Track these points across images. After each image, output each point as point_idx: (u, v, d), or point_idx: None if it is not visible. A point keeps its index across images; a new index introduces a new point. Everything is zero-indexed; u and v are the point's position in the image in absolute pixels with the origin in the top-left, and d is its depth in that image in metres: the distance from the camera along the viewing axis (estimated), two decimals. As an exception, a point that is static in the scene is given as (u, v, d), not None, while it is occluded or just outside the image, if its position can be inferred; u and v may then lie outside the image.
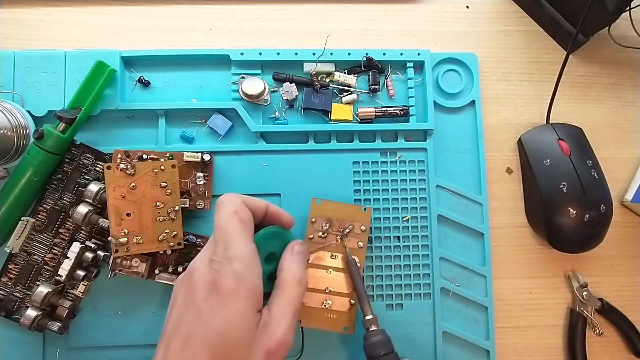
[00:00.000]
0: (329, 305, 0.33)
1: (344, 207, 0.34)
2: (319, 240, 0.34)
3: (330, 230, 0.34)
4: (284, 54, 0.39)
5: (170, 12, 0.41)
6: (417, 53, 0.39)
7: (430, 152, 0.39)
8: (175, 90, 0.39)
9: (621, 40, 0.42)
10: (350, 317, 0.33)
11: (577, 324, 0.38)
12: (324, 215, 0.34)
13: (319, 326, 0.33)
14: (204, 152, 0.36)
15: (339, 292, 0.34)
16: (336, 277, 0.34)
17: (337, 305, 0.33)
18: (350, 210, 0.34)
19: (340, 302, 0.33)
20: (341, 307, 0.33)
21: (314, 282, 0.34)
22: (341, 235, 0.34)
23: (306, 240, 0.34)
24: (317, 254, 0.34)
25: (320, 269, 0.34)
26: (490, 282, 0.38)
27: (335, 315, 0.33)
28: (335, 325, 0.33)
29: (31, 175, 0.34)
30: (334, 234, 0.34)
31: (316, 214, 0.34)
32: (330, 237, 0.34)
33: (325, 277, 0.34)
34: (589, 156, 0.39)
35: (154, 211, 0.33)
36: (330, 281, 0.34)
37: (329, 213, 0.34)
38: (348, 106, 0.39)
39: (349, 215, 0.34)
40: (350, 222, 0.34)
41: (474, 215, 0.39)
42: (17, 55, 0.37)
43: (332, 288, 0.34)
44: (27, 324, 0.33)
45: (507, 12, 0.43)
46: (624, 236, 0.41)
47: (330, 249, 0.35)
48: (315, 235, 0.34)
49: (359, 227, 0.34)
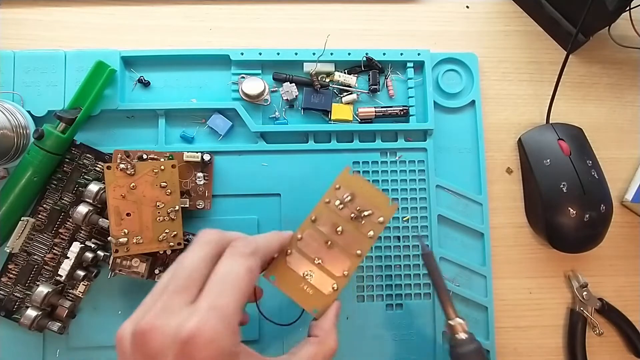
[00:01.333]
0: (310, 276, 0.30)
1: (372, 190, 0.31)
2: (334, 209, 0.31)
3: (349, 205, 0.31)
4: (284, 54, 0.39)
5: (170, 12, 0.41)
6: (417, 53, 0.39)
7: (430, 152, 0.39)
8: (175, 90, 0.39)
9: (621, 40, 0.42)
10: (325, 301, 0.29)
11: (577, 324, 0.38)
12: (350, 187, 0.31)
13: (290, 294, 0.29)
14: (204, 152, 0.36)
15: (327, 269, 0.30)
16: (334, 253, 0.30)
17: (319, 282, 0.30)
18: (376, 196, 0.31)
19: (323, 281, 0.30)
20: (321, 286, 0.30)
21: (308, 246, 0.30)
22: (357, 215, 0.30)
23: (322, 202, 0.31)
24: (329, 218, 0.31)
25: (322, 236, 0.30)
26: (490, 282, 0.38)
27: (312, 292, 0.29)
28: (306, 301, 0.29)
29: (31, 175, 0.34)
30: (350, 210, 0.31)
31: (344, 182, 0.31)
32: (346, 211, 0.31)
33: (322, 248, 0.30)
34: (589, 156, 0.39)
35: (154, 211, 0.33)
36: (325, 254, 0.30)
37: (356, 188, 0.31)
38: (348, 106, 0.39)
39: (373, 200, 0.31)
40: (372, 207, 0.31)
41: (474, 215, 0.39)
42: (17, 55, 0.37)
43: (323, 262, 0.30)
44: (27, 324, 0.33)
45: (507, 12, 0.43)
46: (624, 236, 0.41)
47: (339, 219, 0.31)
48: (333, 201, 0.31)
49: (378, 217, 0.31)
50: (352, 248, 0.30)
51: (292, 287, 0.30)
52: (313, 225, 0.31)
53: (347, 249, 0.30)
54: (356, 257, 0.30)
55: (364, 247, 0.30)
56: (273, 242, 0.28)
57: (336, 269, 0.30)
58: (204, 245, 0.25)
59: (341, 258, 0.30)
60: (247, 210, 0.37)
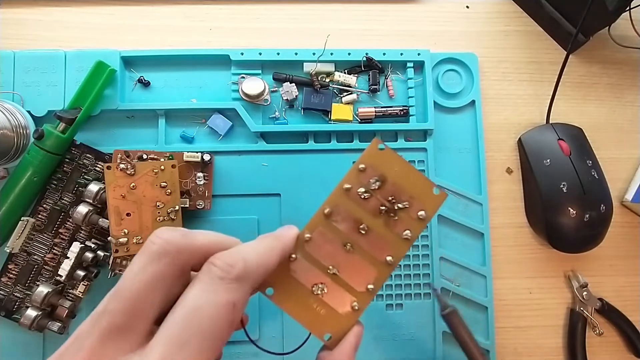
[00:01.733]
0: (321, 291, 0.22)
1: (411, 172, 0.23)
2: (356, 199, 0.23)
3: (378, 194, 0.23)
4: (284, 54, 0.39)
5: (170, 12, 0.41)
6: (417, 53, 0.39)
7: (430, 152, 0.39)
8: (175, 90, 0.39)
9: (621, 40, 0.42)
10: (341, 325, 0.22)
11: (577, 324, 0.38)
12: (379, 169, 0.23)
13: (294, 314, 0.22)
14: (204, 152, 0.36)
15: (346, 281, 0.23)
16: (355, 260, 0.23)
17: (333, 299, 0.22)
18: (417, 182, 0.23)
19: (339, 297, 0.22)
20: (337, 305, 0.22)
21: (320, 249, 0.23)
22: (388, 208, 0.23)
23: (339, 189, 0.23)
24: (349, 212, 0.23)
25: (339, 236, 0.23)
26: (490, 282, 0.38)
27: (324, 311, 0.22)
28: (316, 324, 0.22)
29: (31, 175, 0.34)
30: (379, 200, 0.23)
31: (370, 161, 0.23)
32: (374, 202, 0.23)
33: (339, 253, 0.23)
34: (589, 156, 0.39)
35: (154, 211, 0.33)
36: (343, 261, 0.23)
37: (387, 169, 0.23)
38: (348, 106, 0.39)
39: (412, 187, 0.23)
40: (410, 197, 0.23)
41: (474, 215, 0.39)
42: (17, 55, 0.37)
43: (340, 271, 0.23)
44: (27, 324, 0.33)
45: (507, 12, 0.43)
46: (624, 236, 0.41)
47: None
48: (356, 188, 0.23)
49: (418, 210, 0.23)
50: (380, 253, 0.23)
51: (296, 305, 0.22)
52: (327, 222, 0.23)
53: (374, 254, 0.23)
54: (386, 265, 0.23)
55: (397, 252, 0.23)
56: (269, 257, 0.20)
57: (358, 282, 0.23)
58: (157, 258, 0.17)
59: (365, 267, 0.23)
60: (247, 210, 0.37)
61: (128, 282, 0.17)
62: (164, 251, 0.17)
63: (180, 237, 0.17)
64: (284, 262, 0.22)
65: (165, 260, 0.17)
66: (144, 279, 0.16)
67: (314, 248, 0.23)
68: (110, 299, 0.16)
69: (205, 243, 0.18)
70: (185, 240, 0.18)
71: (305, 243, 0.23)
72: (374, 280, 0.23)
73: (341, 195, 0.23)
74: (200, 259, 0.18)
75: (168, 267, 0.17)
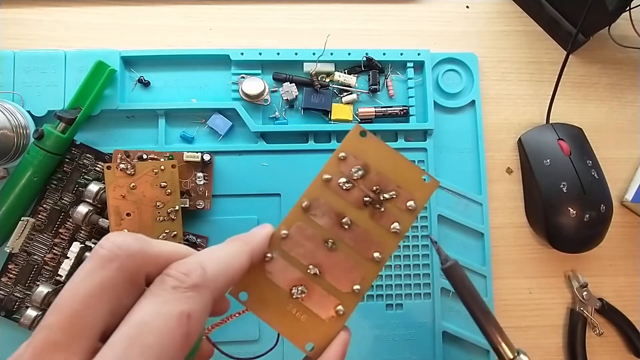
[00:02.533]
0: (301, 295, 0.20)
1: (398, 160, 0.21)
2: (337, 190, 0.21)
3: (360, 184, 0.21)
4: (284, 54, 0.39)
5: (170, 12, 0.41)
6: (417, 53, 0.39)
7: (430, 152, 0.39)
8: (175, 90, 0.39)
9: (621, 40, 0.41)
10: (324, 332, 0.20)
11: (577, 324, 0.38)
12: (362, 157, 0.21)
13: (272, 321, 0.20)
14: (204, 152, 0.36)
15: (329, 282, 0.20)
16: (338, 258, 0.20)
17: (315, 303, 0.20)
18: (404, 170, 0.21)
19: (321, 300, 0.20)
20: (320, 309, 0.20)
21: (298, 247, 0.21)
22: (374, 199, 0.21)
23: (319, 180, 0.21)
24: (329, 204, 0.21)
25: (320, 232, 0.21)
26: (490, 282, 0.38)
27: (305, 317, 0.20)
28: (296, 331, 0.20)
29: (31, 175, 0.34)
30: (363, 190, 0.21)
31: (351, 149, 0.21)
32: (357, 193, 0.21)
33: (320, 250, 0.20)
34: (589, 156, 0.39)
35: (154, 211, 0.33)
36: (325, 259, 0.20)
37: (371, 157, 0.21)
38: (348, 106, 0.39)
39: (399, 175, 0.21)
40: (397, 186, 0.21)
41: (474, 215, 0.39)
42: (17, 55, 0.37)
43: (322, 271, 0.20)
44: (27, 324, 0.33)
45: (507, 12, 0.43)
46: (624, 236, 0.41)
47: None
48: (336, 179, 0.21)
49: (407, 200, 0.21)
50: (366, 249, 0.21)
51: (273, 310, 0.20)
52: (305, 216, 0.21)
53: (359, 250, 0.21)
54: (373, 263, 0.21)
55: (385, 247, 0.21)
56: (234, 262, 0.18)
57: (342, 283, 0.20)
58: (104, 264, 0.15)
59: (350, 265, 0.20)
60: (247, 210, 0.37)
61: (69, 291, 0.14)
62: (113, 255, 0.15)
63: (133, 241, 0.15)
64: (258, 263, 0.20)
65: (113, 266, 0.15)
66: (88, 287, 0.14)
67: (291, 246, 0.20)
68: (49, 312, 0.14)
69: (161, 251, 0.16)
70: (137, 244, 0.15)
71: (282, 241, 0.20)
72: (360, 280, 0.20)
73: (320, 186, 0.21)
74: (157, 269, 0.16)
75: (116, 273, 0.15)
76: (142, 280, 0.16)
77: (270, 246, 0.20)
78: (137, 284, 0.16)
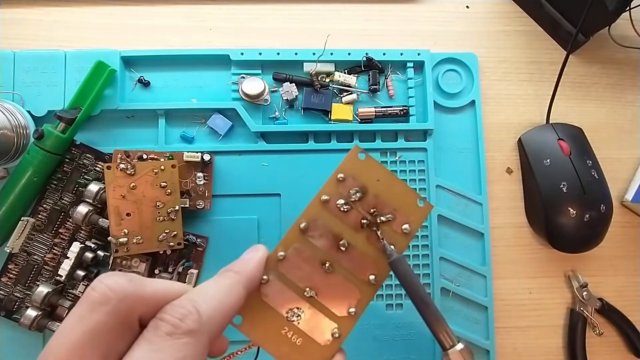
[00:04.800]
0: (297, 317, 0.20)
1: (395, 182, 0.22)
2: (335, 212, 0.21)
3: (358, 206, 0.21)
4: (284, 54, 0.39)
5: (170, 12, 0.41)
6: (417, 53, 0.39)
7: (430, 152, 0.39)
8: (175, 90, 0.39)
9: (621, 40, 0.42)
10: (321, 356, 0.20)
11: (577, 324, 0.38)
12: (360, 179, 0.22)
13: (266, 345, 0.20)
14: (204, 152, 0.36)
15: (325, 305, 0.20)
16: (335, 280, 0.21)
17: (311, 327, 0.20)
18: (400, 193, 0.22)
19: (318, 323, 0.20)
20: (315, 333, 0.20)
21: (295, 269, 0.21)
22: (370, 222, 0.21)
23: (317, 202, 0.22)
24: (327, 226, 0.21)
25: (316, 254, 0.21)
26: (490, 282, 0.38)
27: (301, 341, 0.20)
28: (292, 356, 0.20)
29: (31, 175, 0.34)
30: (360, 213, 0.21)
31: (350, 171, 0.22)
32: (354, 215, 0.21)
33: (317, 273, 0.21)
34: (589, 156, 0.39)
35: (154, 211, 0.33)
36: (321, 282, 0.21)
37: (368, 180, 0.22)
38: (348, 106, 0.39)
39: (395, 198, 0.22)
40: (393, 209, 0.22)
41: (474, 215, 0.39)
42: (17, 55, 0.37)
43: (318, 294, 0.21)
44: (27, 324, 0.33)
45: (507, 12, 0.43)
46: (624, 236, 0.41)
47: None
48: (334, 200, 0.21)
49: (402, 224, 0.21)
50: (362, 272, 0.21)
51: (269, 334, 0.20)
52: (303, 238, 0.21)
53: (356, 273, 0.21)
54: (369, 285, 0.21)
55: (380, 270, 0.21)
56: (229, 298, 0.17)
57: (338, 306, 0.20)
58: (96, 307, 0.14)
59: (346, 288, 0.21)
60: (247, 210, 0.37)
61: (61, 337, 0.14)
62: (105, 298, 0.14)
63: (125, 283, 0.15)
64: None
65: (106, 309, 0.14)
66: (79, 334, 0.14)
67: (288, 268, 0.20)
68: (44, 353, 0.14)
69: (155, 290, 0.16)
70: (130, 285, 0.15)
71: (279, 262, 0.20)
72: (356, 302, 0.20)
73: (319, 207, 0.21)
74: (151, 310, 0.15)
75: (109, 317, 0.14)
76: (136, 322, 0.15)
77: (266, 268, 0.20)
78: (131, 327, 0.15)
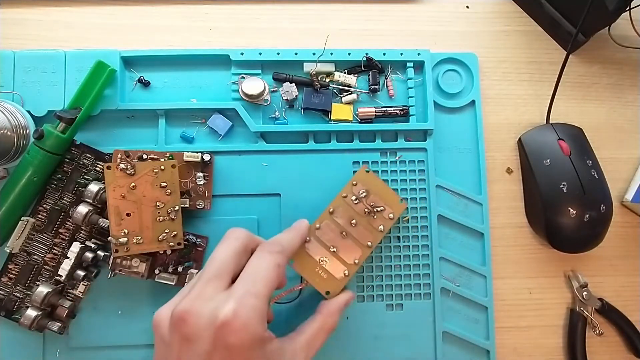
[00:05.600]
0: (325, 263, 0.34)
1: (385, 189, 0.35)
2: (350, 203, 0.35)
3: (364, 200, 0.35)
4: (284, 54, 0.39)
5: (170, 12, 0.41)
6: (417, 53, 0.39)
7: (430, 152, 0.39)
8: (175, 90, 0.39)
9: (621, 40, 0.42)
10: (336, 285, 0.33)
11: (577, 324, 0.38)
12: (366, 184, 0.35)
13: (307, 276, 0.33)
14: (204, 152, 0.36)
15: (341, 257, 0.34)
16: (347, 243, 0.34)
17: (332, 268, 0.34)
18: (388, 195, 0.35)
19: (336, 267, 0.34)
20: (334, 271, 0.33)
21: (325, 235, 0.34)
22: (370, 210, 0.35)
23: (339, 196, 0.35)
24: (345, 211, 0.35)
25: (338, 227, 0.34)
26: (490, 282, 0.38)
27: (325, 276, 0.33)
28: (320, 284, 0.33)
29: (31, 175, 0.34)
30: (365, 205, 0.35)
31: (360, 179, 0.35)
32: (361, 206, 0.35)
33: (337, 238, 0.34)
34: (589, 156, 0.39)
35: (154, 211, 0.33)
36: (340, 243, 0.34)
37: (370, 185, 0.35)
38: (348, 106, 0.39)
39: (385, 197, 0.35)
40: (384, 204, 0.35)
41: (474, 215, 0.39)
42: (17, 55, 0.37)
43: (337, 250, 0.34)
44: (27, 324, 0.33)
45: (507, 12, 0.43)
46: (624, 236, 0.41)
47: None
48: (350, 196, 0.35)
49: (389, 213, 0.35)
50: (364, 239, 0.34)
51: (308, 270, 0.33)
52: (330, 217, 0.35)
53: (360, 239, 0.34)
54: (367, 247, 0.34)
55: (374, 239, 0.35)
56: (296, 240, 0.32)
57: (348, 257, 0.34)
58: (233, 241, 0.28)
59: (353, 248, 0.34)
60: (247, 210, 0.37)
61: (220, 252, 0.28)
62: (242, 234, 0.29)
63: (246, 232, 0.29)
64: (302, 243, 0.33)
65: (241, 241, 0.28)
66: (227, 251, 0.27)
67: (321, 234, 0.34)
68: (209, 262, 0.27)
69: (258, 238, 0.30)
70: (249, 234, 0.29)
71: (316, 230, 0.34)
72: (359, 257, 0.34)
73: (340, 200, 0.35)
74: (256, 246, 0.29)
75: (242, 245, 0.28)
76: (250, 250, 0.29)
77: (308, 233, 0.34)
78: (248, 252, 0.29)
